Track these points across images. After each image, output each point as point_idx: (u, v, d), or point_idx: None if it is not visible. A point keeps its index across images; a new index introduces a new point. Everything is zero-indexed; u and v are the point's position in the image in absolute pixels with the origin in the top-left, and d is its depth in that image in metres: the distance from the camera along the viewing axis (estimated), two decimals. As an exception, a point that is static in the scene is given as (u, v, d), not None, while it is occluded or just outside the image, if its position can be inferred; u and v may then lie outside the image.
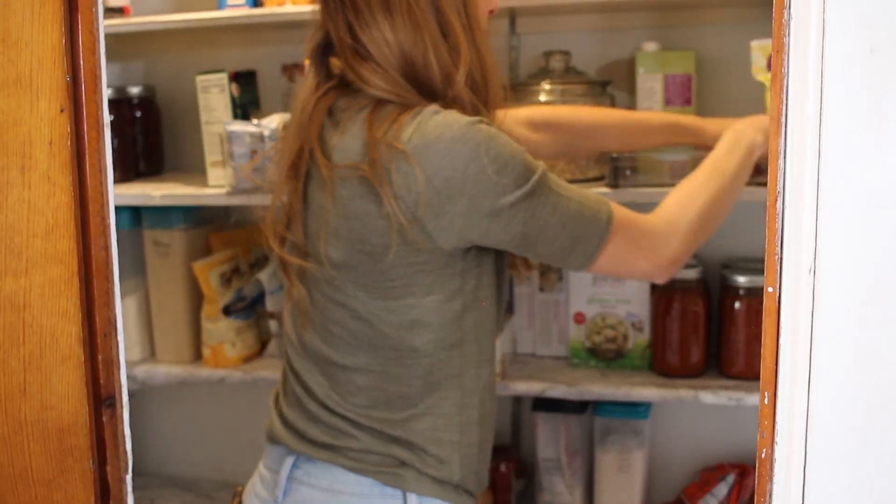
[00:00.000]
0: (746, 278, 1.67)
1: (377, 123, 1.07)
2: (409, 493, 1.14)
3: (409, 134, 1.05)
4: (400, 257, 1.09)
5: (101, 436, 0.84)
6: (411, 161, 1.04)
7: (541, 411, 1.83)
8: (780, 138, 0.71)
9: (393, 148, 1.05)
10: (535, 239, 1.11)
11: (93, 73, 0.80)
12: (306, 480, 1.17)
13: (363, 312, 1.12)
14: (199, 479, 2.22)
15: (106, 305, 0.82)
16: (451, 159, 1.05)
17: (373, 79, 1.10)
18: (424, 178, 1.05)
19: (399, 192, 1.05)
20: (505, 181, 1.07)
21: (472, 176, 1.05)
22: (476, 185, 1.06)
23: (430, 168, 1.05)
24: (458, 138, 1.05)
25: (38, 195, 0.80)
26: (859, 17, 0.67)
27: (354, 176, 1.08)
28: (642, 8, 1.79)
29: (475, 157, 1.05)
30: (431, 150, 1.05)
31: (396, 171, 1.05)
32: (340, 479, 1.14)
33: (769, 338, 0.72)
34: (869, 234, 0.69)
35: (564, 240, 1.12)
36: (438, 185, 1.05)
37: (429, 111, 1.08)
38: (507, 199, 1.07)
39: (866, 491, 0.72)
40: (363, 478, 1.14)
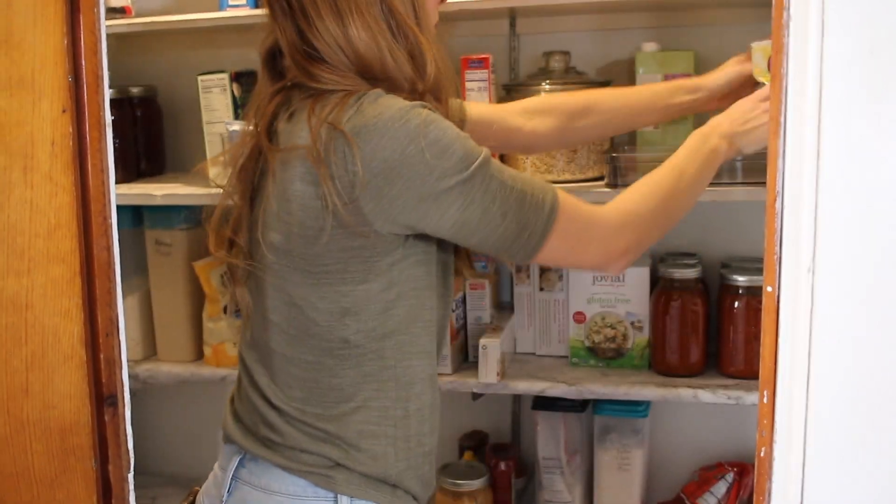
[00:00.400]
0: (746, 278, 1.67)
1: (320, 107, 1.08)
2: (340, 496, 1.13)
3: (350, 115, 1.05)
4: (335, 241, 1.08)
5: (102, 435, 0.84)
6: (350, 141, 1.04)
7: (541, 410, 1.83)
8: (780, 138, 0.71)
9: (333, 129, 1.05)
10: (474, 227, 1.09)
11: (94, 74, 0.80)
12: (248, 479, 1.17)
13: (297, 298, 1.12)
14: (200, 478, 2.21)
15: (108, 305, 0.83)
16: (389, 140, 1.04)
17: (325, 76, 1.11)
18: (362, 159, 1.04)
19: (336, 173, 1.05)
20: (443, 165, 1.05)
21: (409, 158, 1.04)
22: (413, 167, 1.05)
23: (368, 149, 1.04)
24: (396, 119, 1.05)
25: (41, 195, 0.80)
26: (858, 17, 0.68)
27: (295, 157, 1.08)
28: (642, 8, 1.80)
29: (413, 139, 1.04)
30: (370, 131, 1.04)
31: (335, 151, 1.05)
32: (277, 479, 1.14)
33: (768, 337, 0.72)
34: (868, 233, 0.70)
35: (506, 228, 1.10)
36: (376, 167, 1.04)
37: (371, 94, 1.07)
38: (445, 183, 1.06)
39: (865, 489, 0.72)
40: (297, 478, 1.14)
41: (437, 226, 1.09)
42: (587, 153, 1.69)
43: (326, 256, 1.09)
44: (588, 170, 1.69)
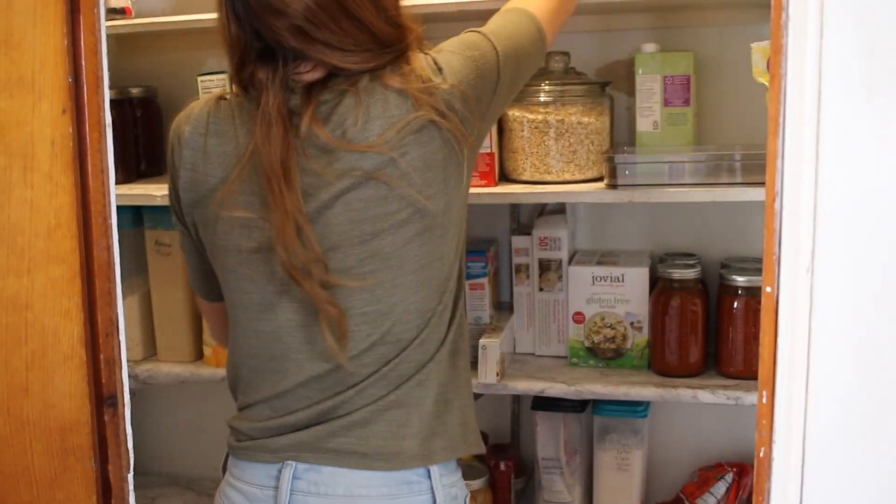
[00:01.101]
0: (745, 278, 1.67)
1: (398, 80, 1.16)
2: (432, 467, 1.18)
3: (433, 73, 1.18)
4: (457, 186, 1.21)
5: (102, 435, 0.84)
6: (452, 83, 1.18)
7: (540, 410, 1.83)
8: (779, 139, 0.71)
9: (431, 90, 1.16)
10: (518, 72, 1.29)
11: (94, 74, 0.80)
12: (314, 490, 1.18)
13: (428, 265, 1.18)
14: (200, 478, 2.22)
15: (108, 305, 0.83)
16: (462, 68, 1.20)
17: (358, 61, 1.16)
18: (465, 85, 1.19)
19: (462, 114, 1.18)
20: (485, 53, 1.23)
21: (477, 66, 1.21)
22: (480, 66, 1.22)
23: (460, 77, 1.19)
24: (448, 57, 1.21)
25: (41, 195, 0.80)
26: (857, 17, 0.68)
27: (409, 131, 1.14)
28: (641, 9, 1.80)
29: (463, 57, 1.21)
30: (449, 71, 1.19)
31: (449, 102, 1.17)
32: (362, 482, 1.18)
33: (767, 337, 0.73)
34: (866, 234, 0.70)
35: (530, 52, 1.31)
36: (472, 81, 1.20)
37: (421, 55, 1.21)
38: (497, 64, 1.24)
39: (864, 489, 0.73)
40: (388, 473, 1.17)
41: (508, 96, 1.30)
42: (587, 154, 1.69)
43: (455, 201, 1.20)
44: (587, 170, 1.70)
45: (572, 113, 1.67)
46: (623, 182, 1.60)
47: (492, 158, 1.70)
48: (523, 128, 1.69)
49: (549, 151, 1.68)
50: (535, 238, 1.81)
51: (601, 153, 1.69)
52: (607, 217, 1.92)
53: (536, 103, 1.68)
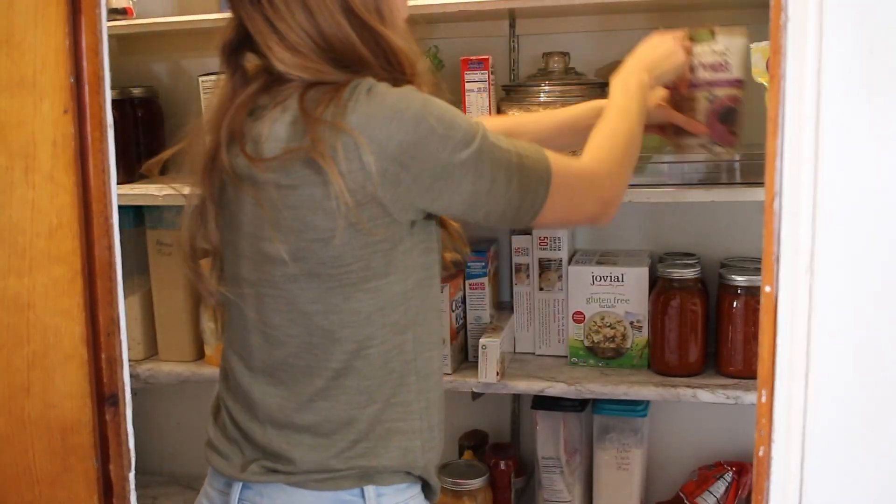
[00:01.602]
0: (744, 277, 1.67)
1: (312, 105, 1.06)
2: (366, 487, 1.12)
3: (350, 109, 1.04)
4: (355, 238, 1.07)
5: (104, 434, 0.84)
6: (358, 138, 1.03)
7: (540, 410, 1.83)
8: (778, 139, 0.71)
9: (335, 128, 1.03)
10: (484, 198, 1.10)
11: (96, 75, 0.80)
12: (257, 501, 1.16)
13: (315, 306, 1.10)
14: (201, 478, 2.21)
15: (109, 304, 0.83)
16: (399, 124, 1.04)
17: (296, 61, 1.09)
18: (373, 151, 1.03)
19: (346, 170, 1.03)
20: (454, 137, 1.06)
21: (422, 136, 1.04)
22: (427, 146, 1.05)
23: (381, 138, 1.03)
24: (399, 103, 1.05)
25: (42, 195, 0.80)
26: (857, 18, 0.68)
27: (295, 161, 1.05)
28: (641, 9, 1.80)
29: (422, 118, 1.05)
30: (378, 120, 1.04)
31: (343, 148, 1.03)
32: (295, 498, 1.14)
33: (767, 337, 0.73)
34: (866, 234, 0.70)
35: (512, 195, 1.11)
36: (392, 152, 1.04)
37: (364, 85, 1.06)
38: (457, 156, 1.06)
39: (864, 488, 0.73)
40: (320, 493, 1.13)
41: (450, 203, 1.10)
42: (587, 153, 1.69)
43: (347, 255, 1.07)
44: (587, 170, 1.70)
45: (572, 113, 1.67)
46: (623, 182, 1.60)
47: (492, 158, 1.70)
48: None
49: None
50: (535, 238, 1.81)
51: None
52: (607, 217, 1.92)
53: (536, 103, 1.68)
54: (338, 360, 1.11)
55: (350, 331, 1.10)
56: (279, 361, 1.14)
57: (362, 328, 1.10)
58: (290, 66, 1.08)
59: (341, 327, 1.10)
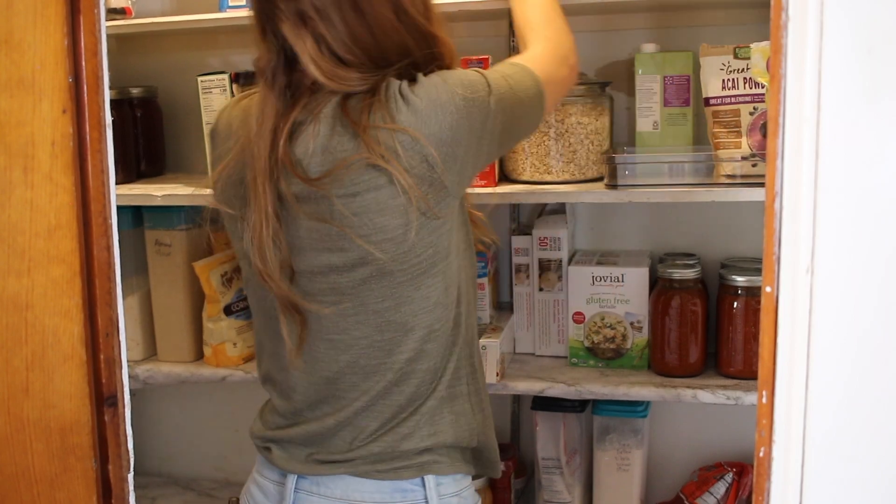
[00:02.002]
0: (745, 278, 1.67)
1: (355, 114, 1.10)
2: (427, 477, 1.18)
3: (397, 111, 1.09)
4: (424, 230, 1.12)
5: (102, 435, 0.84)
6: (415, 134, 1.09)
7: (540, 410, 1.83)
8: (779, 139, 0.71)
9: (388, 130, 1.08)
10: (511, 127, 1.20)
11: (95, 75, 0.80)
12: (316, 490, 1.20)
13: (387, 304, 1.14)
14: (200, 478, 2.23)
15: (108, 305, 0.83)
16: (443, 112, 1.10)
17: (345, 73, 1.11)
18: (434, 141, 1.09)
19: (410, 165, 1.09)
20: (478, 97, 1.13)
21: (462, 113, 1.11)
22: (468, 118, 1.12)
23: (434, 129, 1.10)
24: (432, 93, 1.11)
25: (41, 195, 0.80)
26: (857, 18, 0.68)
27: (353, 169, 1.08)
28: (641, 9, 1.80)
29: (450, 95, 1.11)
30: (425, 114, 1.10)
31: (402, 147, 1.09)
32: (356, 488, 1.18)
33: (767, 337, 0.73)
34: (866, 234, 0.70)
35: (527, 110, 1.22)
36: (447, 138, 1.10)
37: (393, 87, 1.12)
38: (486, 110, 1.14)
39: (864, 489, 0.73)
40: (380, 482, 1.17)
41: (491, 152, 1.19)
42: (586, 153, 1.69)
43: (419, 246, 1.12)
44: (587, 170, 1.70)
45: (572, 113, 1.67)
46: (623, 182, 1.61)
47: (492, 158, 1.70)
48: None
49: (549, 151, 1.68)
50: (535, 238, 1.81)
51: (601, 153, 1.70)
52: (607, 217, 1.92)
53: (536, 103, 1.68)
54: (411, 350, 1.16)
55: (421, 318, 1.15)
56: (347, 364, 1.17)
57: (432, 312, 1.15)
58: (336, 81, 1.11)
59: (413, 316, 1.15)
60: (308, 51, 1.11)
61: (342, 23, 1.11)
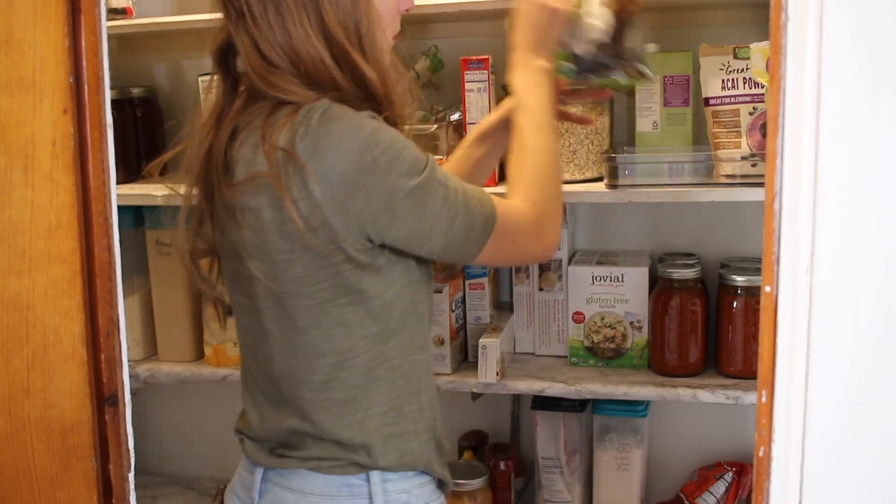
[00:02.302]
0: (744, 278, 1.67)
1: (270, 129, 1.07)
2: (371, 472, 1.15)
3: (300, 135, 1.04)
4: (314, 260, 1.08)
5: (103, 434, 0.84)
6: (304, 166, 1.03)
7: (540, 410, 1.83)
8: (778, 139, 0.71)
9: (286, 153, 1.04)
10: (428, 234, 1.10)
11: (95, 75, 0.80)
12: (278, 481, 1.19)
13: (298, 321, 1.13)
14: (200, 478, 2.23)
15: (108, 305, 0.83)
16: (343, 153, 1.04)
17: (280, 84, 1.09)
18: (319, 179, 1.04)
19: (298, 196, 1.05)
20: (398, 171, 1.06)
21: (366, 167, 1.04)
22: (370, 176, 1.05)
23: (325, 167, 1.04)
24: (346, 132, 1.05)
25: (41, 195, 0.81)
26: (857, 18, 0.68)
27: (261, 185, 1.07)
28: (641, 9, 1.80)
29: (366, 148, 1.05)
30: (323, 149, 1.04)
31: (292, 174, 1.05)
32: (309, 481, 1.17)
33: (767, 337, 0.73)
34: (866, 233, 0.70)
35: (455, 233, 1.11)
36: (336, 181, 1.04)
37: (318, 108, 1.06)
38: (401, 189, 1.06)
39: (864, 488, 0.73)
40: (330, 477, 1.16)
41: (395, 236, 1.09)
42: (586, 153, 1.69)
43: (314, 276, 1.09)
44: (587, 170, 1.70)
45: (572, 113, 1.67)
46: (623, 182, 1.61)
47: (492, 158, 1.70)
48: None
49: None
50: (535, 238, 1.81)
51: (601, 153, 1.70)
52: (607, 217, 1.92)
53: (536, 103, 1.68)
54: (322, 373, 1.14)
55: (332, 344, 1.12)
56: (279, 370, 1.18)
57: (344, 340, 1.12)
58: (264, 83, 1.10)
59: (323, 341, 1.12)
60: (243, 45, 1.11)
61: (266, 25, 1.09)
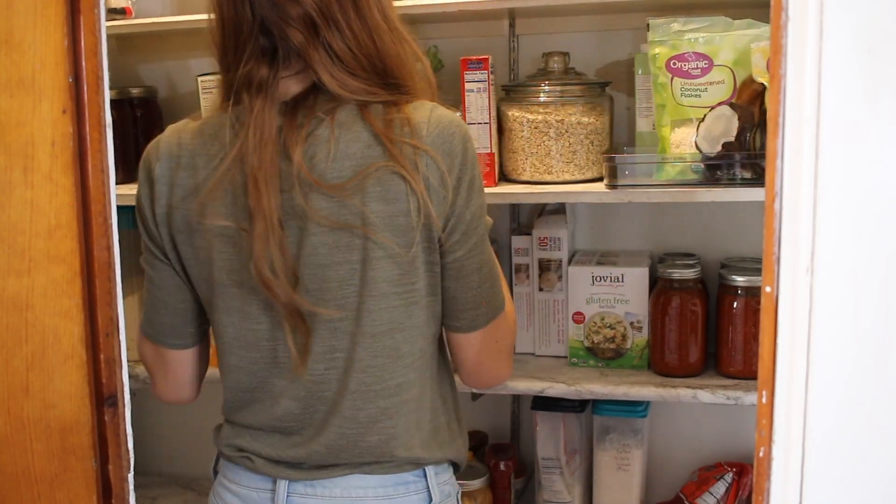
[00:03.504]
0: (744, 278, 1.67)
1: (382, 125, 1.09)
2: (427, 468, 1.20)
3: (425, 131, 1.10)
4: (421, 254, 1.12)
5: (102, 435, 0.84)
6: (434, 156, 1.10)
7: (540, 410, 1.83)
8: (779, 139, 0.71)
9: (412, 146, 1.09)
10: (470, 272, 1.17)
11: (95, 75, 0.80)
12: (310, 493, 1.20)
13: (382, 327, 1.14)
14: (200, 478, 2.22)
15: (108, 305, 0.83)
16: (459, 150, 1.12)
17: (357, 85, 1.10)
18: (451, 170, 1.11)
19: (432, 185, 1.10)
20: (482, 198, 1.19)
21: (474, 179, 1.15)
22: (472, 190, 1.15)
23: (454, 161, 1.12)
24: (465, 132, 1.14)
25: (41, 195, 0.80)
26: (857, 17, 0.68)
27: (370, 178, 1.08)
28: (641, 9, 1.80)
29: (474, 164, 1.14)
30: (446, 144, 1.11)
31: (426, 167, 1.09)
32: (359, 484, 1.19)
33: (767, 337, 0.73)
34: (866, 234, 0.70)
35: (482, 288, 1.18)
36: (461, 173, 1.12)
37: (427, 107, 1.13)
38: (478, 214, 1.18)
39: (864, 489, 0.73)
40: (383, 476, 1.19)
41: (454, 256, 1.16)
42: (586, 153, 1.69)
43: (413, 273, 1.12)
44: (587, 170, 1.70)
45: (572, 113, 1.67)
46: (623, 182, 1.61)
47: (492, 158, 1.70)
48: (523, 128, 1.69)
49: (549, 151, 1.68)
50: (535, 238, 1.81)
51: (601, 153, 1.70)
52: (607, 217, 1.92)
53: (536, 103, 1.68)
54: (401, 376, 1.15)
55: (409, 346, 1.15)
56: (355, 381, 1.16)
57: (417, 342, 1.15)
58: (345, 91, 1.10)
59: (404, 343, 1.14)
60: (322, 61, 1.09)
61: (347, 27, 1.09)
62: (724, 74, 1.54)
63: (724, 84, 1.54)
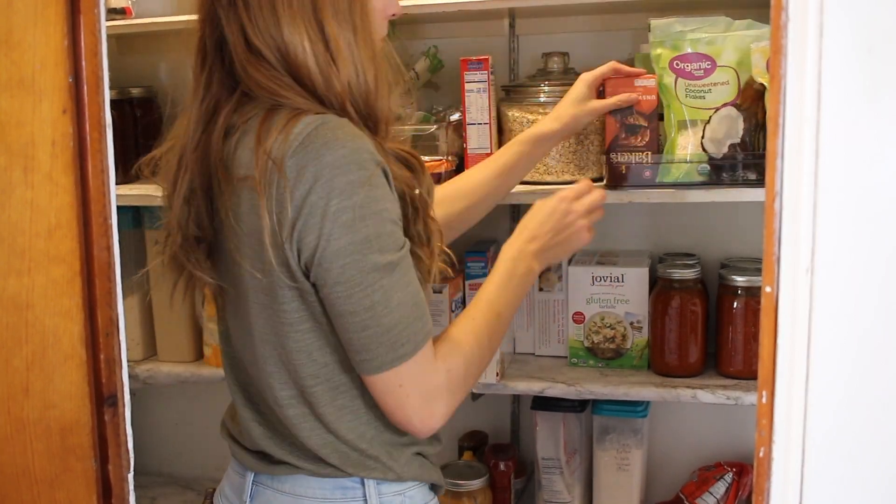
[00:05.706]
0: (744, 278, 1.67)
1: (265, 133, 1.02)
2: (367, 480, 1.13)
3: (294, 151, 1.00)
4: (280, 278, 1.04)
5: (102, 435, 0.84)
6: (285, 178, 0.99)
7: (540, 410, 1.83)
8: (779, 139, 0.71)
9: (275, 165, 1.00)
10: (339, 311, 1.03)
11: (95, 75, 0.80)
12: (270, 483, 1.17)
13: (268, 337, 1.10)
14: (200, 478, 2.22)
15: (108, 305, 0.83)
16: (323, 186, 0.99)
17: (264, 81, 1.06)
18: (293, 199, 0.99)
19: (273, 208, 1.00)
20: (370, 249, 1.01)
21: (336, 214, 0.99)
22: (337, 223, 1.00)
23: (300, 191, 0.99)
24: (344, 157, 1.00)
25: (41, 195, 0.80)
26: (857, 17, 0.68)
27: (242, 187, 1.04)
28: (641, 9, 1.79)
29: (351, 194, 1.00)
30: (303, 167, 0.99)
31: (276, 186, 1.00)
32: (302, 484, 1.14)
33: (767, 337, 0.73)
34: (866, 234, 0.70)
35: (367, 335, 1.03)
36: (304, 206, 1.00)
37: (315, 121, 1.02)
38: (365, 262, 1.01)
39: (864, 489, 0.73)
40: (324, 480, 1.14)
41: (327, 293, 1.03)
42: (586, 153, 1.69)
43: (280, 297, 1.06)
44: (587, 170, 1.70)
45: (572, 113, 1.67)
46: (623, 182, 1.60)
47: (492, 158, 1.70)
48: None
49: (548, 151, 1.68)
50: (534, 238, 1.81)
51: (601, 153, 1.70)
52: (607, 217, 1.91)
53: (536, 104, 1.68)
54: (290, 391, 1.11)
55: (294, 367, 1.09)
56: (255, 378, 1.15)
57: (306, 366, 1.09)
58: (248, 77, 1.07)
59: (288, 361, 1.09)
60: (232, 35, 1.10)
61: (259, 12, 1.06)
62: (728, 75, 1.54)
63: (729, 85, 1.54)
